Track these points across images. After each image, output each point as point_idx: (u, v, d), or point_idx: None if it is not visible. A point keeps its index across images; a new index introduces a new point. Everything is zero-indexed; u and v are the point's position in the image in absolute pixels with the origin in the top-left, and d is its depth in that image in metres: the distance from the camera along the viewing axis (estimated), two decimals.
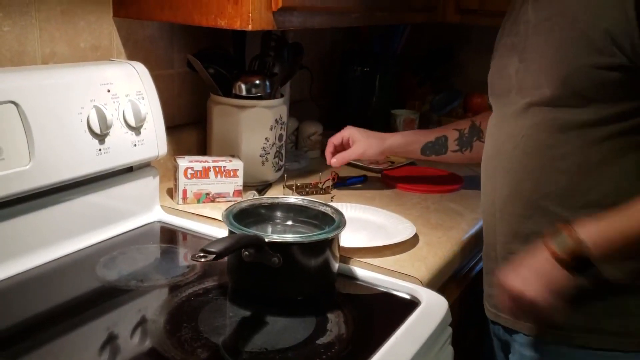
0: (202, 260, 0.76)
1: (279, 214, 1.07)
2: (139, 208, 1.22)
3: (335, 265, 0.99)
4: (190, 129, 1.47)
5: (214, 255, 0.77)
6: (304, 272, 0.95)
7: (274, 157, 1.42)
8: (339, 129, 1.88)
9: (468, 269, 1.23)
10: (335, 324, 0.90)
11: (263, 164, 1.40)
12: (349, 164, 1.64)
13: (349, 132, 1.40)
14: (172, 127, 1.43)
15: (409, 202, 1.38)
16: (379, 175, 1.56)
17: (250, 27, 1.09)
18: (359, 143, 1.39)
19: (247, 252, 0.90)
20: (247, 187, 1.37)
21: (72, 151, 1.04)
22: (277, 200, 1.08)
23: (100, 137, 1.08)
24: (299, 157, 1.62)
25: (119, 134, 1.12)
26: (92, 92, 1.08)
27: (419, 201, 1.39)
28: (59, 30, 1.14)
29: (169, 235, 1.21)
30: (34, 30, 1.10)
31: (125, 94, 1.14)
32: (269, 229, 1.05)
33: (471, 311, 1.21)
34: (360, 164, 1.60)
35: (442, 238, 1.18)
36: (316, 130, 1.69)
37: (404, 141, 1.42)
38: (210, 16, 1.12)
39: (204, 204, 1.29)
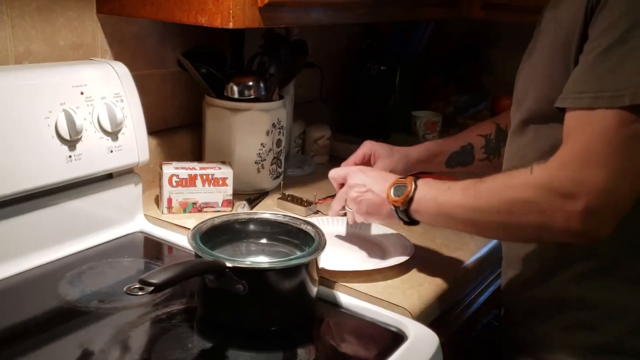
0: (140, 293, 0.67)
1: (256, 230, 0.97)
2: (120, 217, 1.14)
3: (313, 291, 0.89)
4: (185, 132, 1.38)
5: (152, 288, 0.67)
6: (274, 300, 0.85)
7: (271, 164, 1.32)
8: (351, 132, 1.79)
9: (473, 297, 1.10)
10: None
11: (259, 171, 1.31)
12: None
13: (370, 148, 1.19)
14: (165, 130, 1.36)
15: None
16: None
17: (231, 25, 0.99)
18: (384, 160, 1.19)
19: (209, 278, 0.81)
20: (241, 195, 1.28)
21: (37, 158, 0.96)
22: (254, 216, 0.98)
23: (70, 143, 1.01)
24: (303, 162, 1.51)
25: (92, 139, 1.04)
26: (63, 95, 1.00)
27: None
28: (35, 28, 1.07)
29: (148, 248, 1.13)
30: (5, 28, 1.03)
31: (101, 96, 1.06)
32: (243, 248, 0.96)
33: (474, 349, 1.09)
34: None
35: (443, 261, 1.06)
36: (324, 134, 1.59)
37: (428, 154, 1.24)
38: (191, 13, 1.03)
39: (191, 213, 1.20)
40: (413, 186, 0.92)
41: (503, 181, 0.85)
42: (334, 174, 1.08)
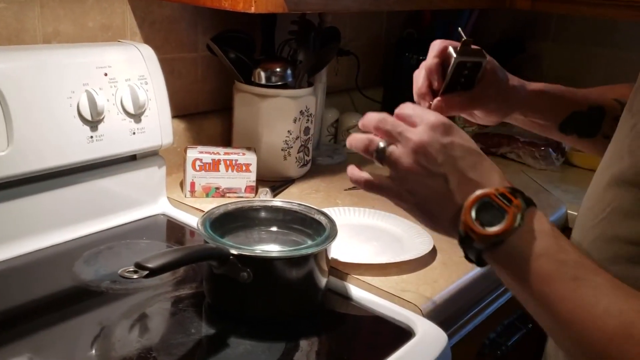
0: (134, 277, 0.67)
1: (269, 218, 0.96)
2: (142, 199, 1.15)
3: (322, 283, 0.87)
4: (214, 116, 1.38)
5: (147, 272, 0.67)
6: (280, 290, 0.84)
7: (298, 152, 1.31)
8: None
9: (494, 297, 1.06)
10: (305, 353, 0.79)
11: (285, 158, 1.30)
12: None
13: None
14: (195, 114, 1.36)
15: None
16: None
17: (253, 10, 0.98)
18: (500, 81, 0.81)
19: (213, 264, 0.80)
20: (266, 182, 1.27)
21: (58, 138, 0.98)
22: (268, 204, 0.97)
23: (92, 124, 1.02)
24: (334, 151, 1.49)
25: (114, 120, 1.05)
26: (86, 76, 1.01)
27: None
28: (64, 8, 1.08)
29: (168, 231, 1.14)
30: (34, 7, 1.05)
31: (125, 78, 1.06)
32: (255, 235, 0.94)
33: (493, 350, 1.05)
34: None
35: (462, 258, 1.02)
36: (356, 123, 1.56)
37: (547, 95, 0.86)
38: None
39: (213, 198, 1.20)
40: (517, 222, 0.56)
41: None
42: (404, 111, 0.65)
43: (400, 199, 0.64)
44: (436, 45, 0.77)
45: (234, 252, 0.79)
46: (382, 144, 0.63)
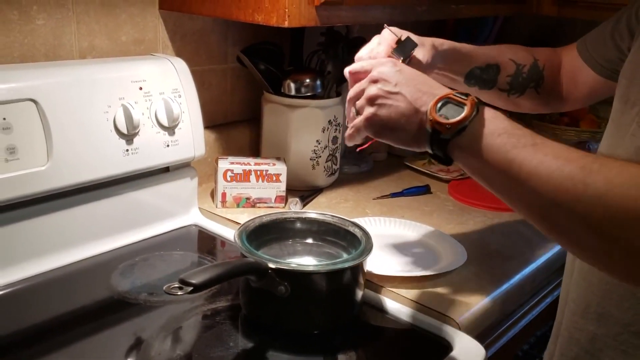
0: (179, 293, 0.68)
1: (303, 230, 0.97)
2: (175, 210, 1.16)
3: (358, 296, 0.88)
4: (243, 126, 1.39)
5: (192, 288, 0.68)
6: (316, 303, 0.84)
7: (326, 161, 1.32)
8: None
9: (527, 309, 1.06)
10: None
11: (313, 167, 1.30)
12: (411, 168, 1.51)
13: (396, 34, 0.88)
14: (224, 125, 1.37)
15: (471, 220, 1.23)
16: (446, 185, 1.41)
17: (287, 24, 0.99)
18: (418, 49, 0.90)
19: (251, 278, 0.81)
20: (294, 191, 1.28)
21: (95, 151, 0.99)
22: (302, 215, 0.97)
23: (128, 137, 1.03)
24: (360, 160, 1.50)
25: (149, 134, 1.06)
26: (122, 90, 1.03)
27: (484, 220, 1.23)
28: (98, 23, 1.10)
29: (200, 242, 1.15)
30: (70, 23, 1.06)
31: (160, 91, 1.07)
32: (290, 248, 0.95)
33: None
34: (426, 170, 1.46)
35: (496, 270, 1.03)
36: None
37: (454, 52, 0.95)
38: (247, 11, 1.03)
39: (244, 208, 1.21)
40: (475, 110, 0.65)
41: None
42: (357, 66, 0.82)
43: (377, 128, 0.74)
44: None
45: (272, 266, 0.80)
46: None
